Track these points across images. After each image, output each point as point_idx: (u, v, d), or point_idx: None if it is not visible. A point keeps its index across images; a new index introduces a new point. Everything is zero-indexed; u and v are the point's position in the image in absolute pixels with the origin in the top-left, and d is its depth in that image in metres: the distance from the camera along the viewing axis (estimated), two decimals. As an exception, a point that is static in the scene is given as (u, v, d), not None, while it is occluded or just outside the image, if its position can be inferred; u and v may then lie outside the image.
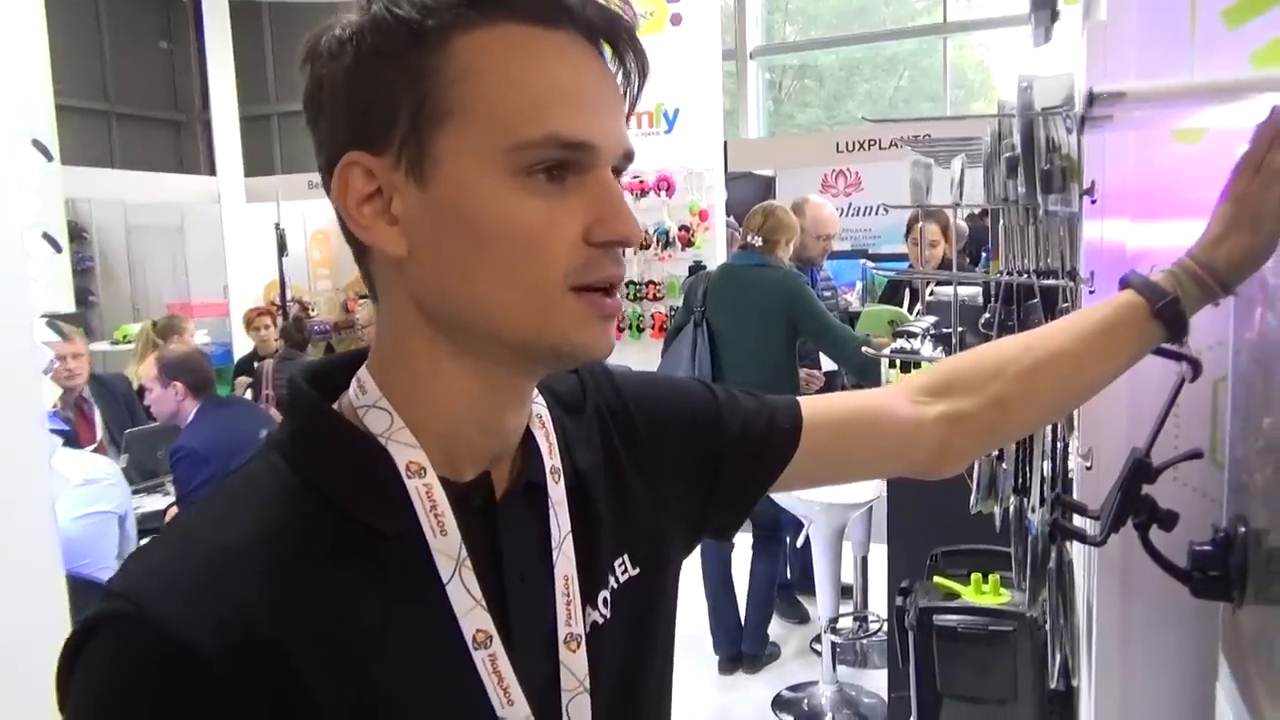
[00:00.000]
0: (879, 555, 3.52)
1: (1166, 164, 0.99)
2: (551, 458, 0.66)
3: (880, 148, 6.33)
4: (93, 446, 3.46)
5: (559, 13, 0.56)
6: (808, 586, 3.67)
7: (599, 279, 0.57)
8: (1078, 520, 1.01)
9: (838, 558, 3.17)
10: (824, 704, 3.17)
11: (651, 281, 5.34)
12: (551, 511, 0.65)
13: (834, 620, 3.15)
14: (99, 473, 2.54)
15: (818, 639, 3.46)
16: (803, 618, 3.83)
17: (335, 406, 0.62)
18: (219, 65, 6.80)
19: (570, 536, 0.65)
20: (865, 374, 3.10)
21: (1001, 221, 1.27)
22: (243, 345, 6.33)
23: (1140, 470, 0.91)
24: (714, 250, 5.23)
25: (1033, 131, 1.10)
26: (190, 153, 11.07)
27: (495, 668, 0.58)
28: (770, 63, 10.42)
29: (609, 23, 0.58)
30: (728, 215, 5.95)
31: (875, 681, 3.33)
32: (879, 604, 3.57)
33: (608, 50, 0.60)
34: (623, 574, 0.69)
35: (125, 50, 10.38)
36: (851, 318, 4.65)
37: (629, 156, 0.59)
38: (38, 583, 1.73)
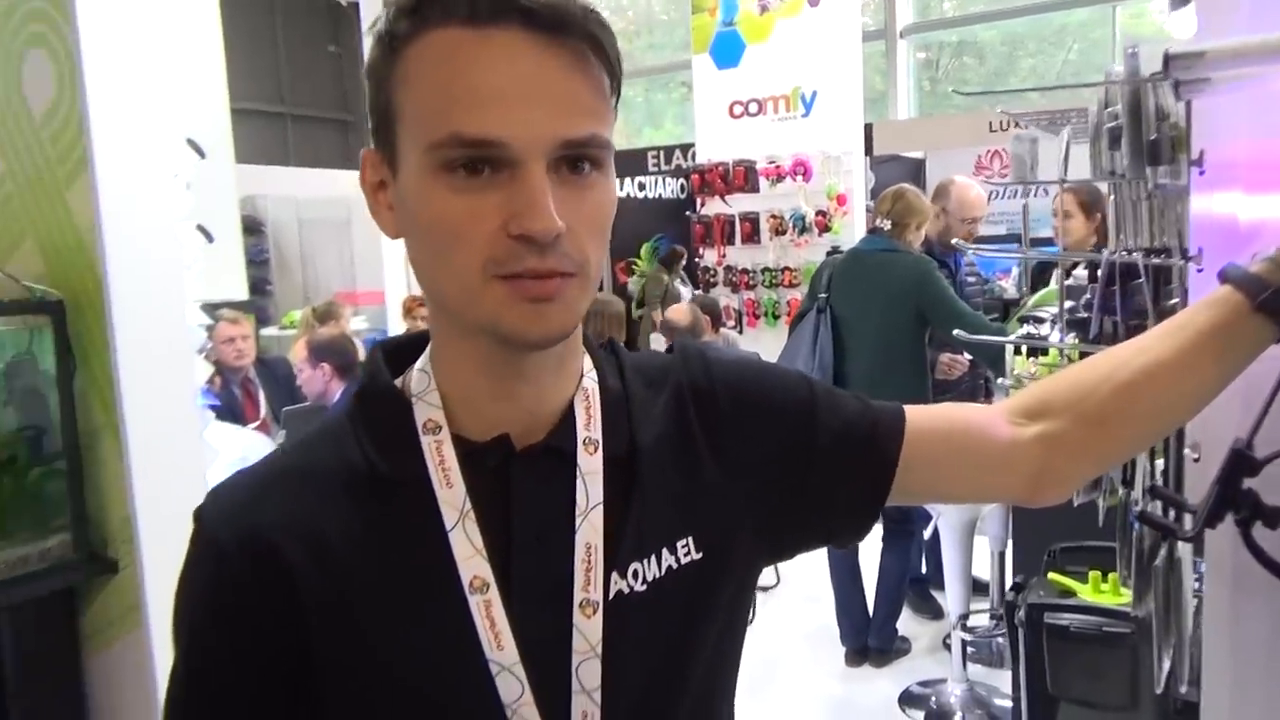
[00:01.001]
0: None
1: (1284, 130, 0.90)
2: (589, 429, 0.68)
3: (1039, 126, 6.00)
4: (256, 424, 3.75)
5: (493, 11, 0.58)
6: (941, 581, 3.55)
7: (518, 270, 0.59)
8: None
9: (968, 552, 3.05)
10: (953, 702, 3.06)
11: (787, 268, 5.28)
12: (580, 480, 0.66)
13: (964, 617, 3.04)
14: (254, 448, 2.76)
15: (950, 635, 3.35)
16: (935, 613, 3.71)
17: (407, 371, 0.70)
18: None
19: (600, 507, 0.66)
20: (999, 365, 2.95)
21: (1113, 197, 1.18)
22: (396, 330, 6.68)
23: (1240, 462, 0.83)
24: (852, 235, 5.11)
25: (1139, 100, 1.02)
26: (356, 150, 11.74)
27: (489, 613, 0.62)
28: (926, 40, 10.02)
29: (554, 10, 0.59)
30: (870, 200, 5.80)
31: (1009, 682, 3.19)
32: (1018, 603, 3.41)
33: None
34: (685, 556, 0.69)
35: (299, 55, 11.13)
36: (1006, 305, 4.41)
37: (581, 143, 0.60)
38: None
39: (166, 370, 1.84)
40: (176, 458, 1.86)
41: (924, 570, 3.80)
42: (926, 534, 3.16)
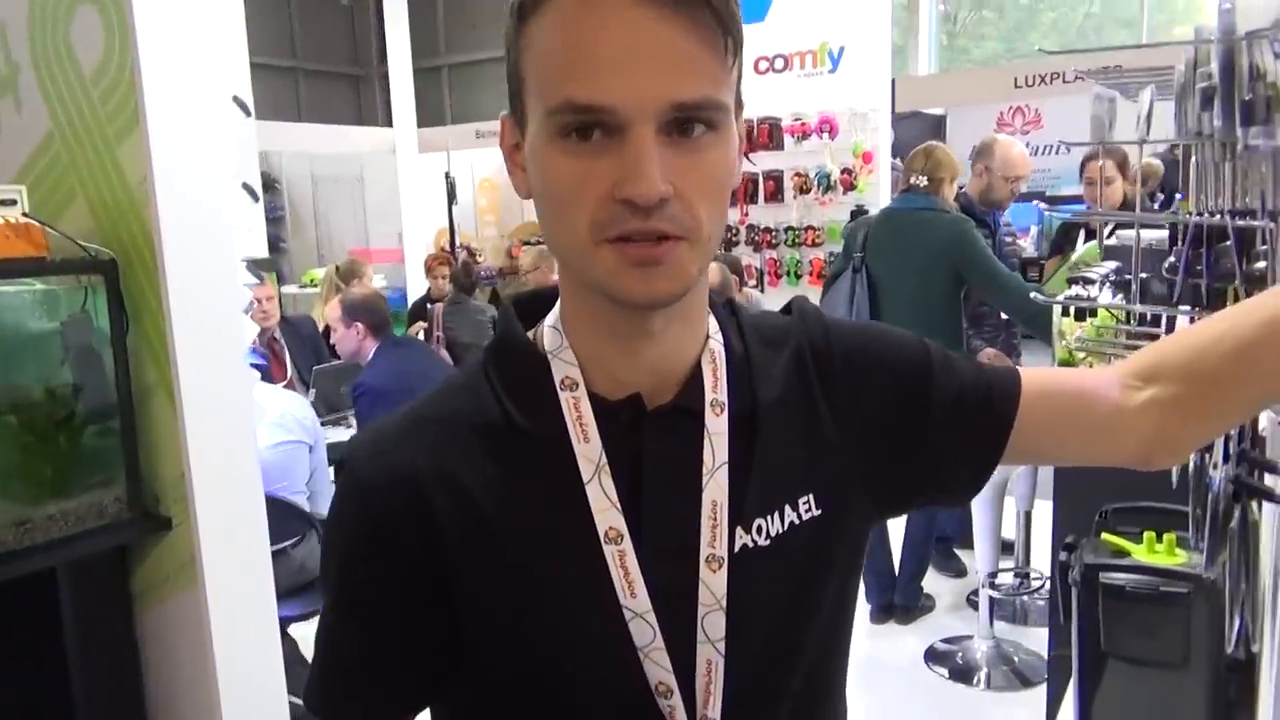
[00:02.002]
0: (1043, 511, 3.39)
1: (1392, 90, 0.89)
2: (715, 391, 0.69)
3: (1064, 81, 5.93)
4: (284, 382, 3.76)
5: None
6: (966, 540, 3.58)
7: (622, 232, 0.60)
8: (1268, 479, 0.94)
9: (998, 512, 3.07)
10: (979, 658, 3.10)
11: (810, 227, 5.25)
12: (707, 440, 0.68)
13: (993, 575, 3.07)
14: (293, 407, 2.78)
15: (974, 593, 3.39)
16: (959, 571, 3.74)
17: (537, 325, 0.73)
18: (395, 20, 7.08)
19: (725, 466, 0.68)
20: (1036, 324, 2.94)
21: (1194, 158, 1.17)
22: (415, 289, 6.69)
23: (1339, 426, 0.84)
24: (877, 194, 5.07)
25: (1233, 58, 1.01)
26: (369, 106, 11.65)
27: (622, 563, 0.65)
28: (945, -6, 9.86)
29: None
30: (893, 157, 5.74)
31: (1033, 639, 3.23)
32: (1041, 561, 3.44)
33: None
34: (806, 512, 0.70)
35: (309, 8, 10.99)
36: (1024, 264, 4.39)
37: (694, 106, 0.60)
38: (241, 501, 1.93)
39: (218, 328, 1.85)
40: (228, 415, 1.87)
41: (948, 529, 3.82)
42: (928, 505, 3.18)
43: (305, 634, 2.96)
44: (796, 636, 0.71)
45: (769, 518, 0.69)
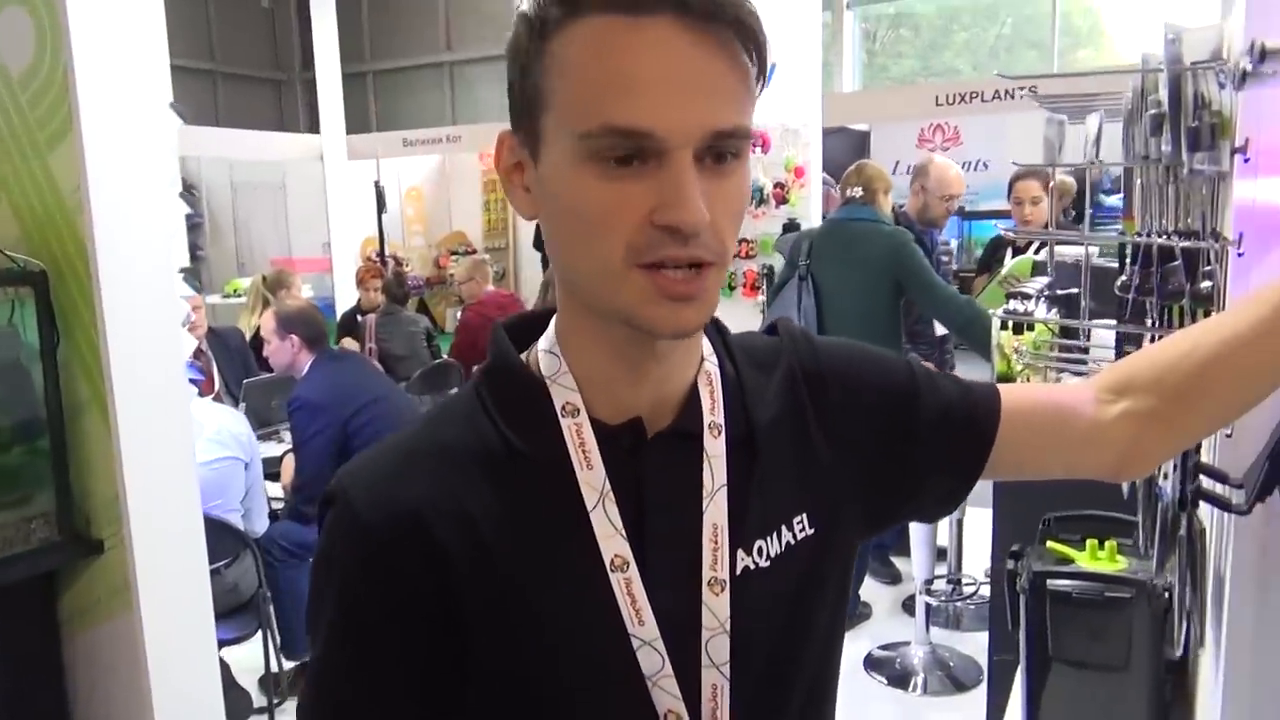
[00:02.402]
0: (974, 519, 3.48)
1: (1330, 120, 0.94)
2: (713, 414, 0.69)
3: (982, 100, 6.11)
4: (211, 396, 3.64)
5: (647, 0, 0.58)
6: (902, 547, 3.66)
7: (657, 258, 0.59)
8: (1222, 489, 0.99)
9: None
10: (916, 664, 3.17)
11: (744, 239, 5.30)
12: (706, 463, 0.68)
13: (929, 582, 3.14)
14: (229, 422, 2.69)
15: (910, 599, 3.46)
16: (895, 578, 3.82)
17: (526, 352, 0.71)
18: (322, 23, 6.94)
19: (725, 489, 0.68)
20: (969, 334, 3.04)
21: (1139, 180, 1.22)
22: (343, 300, 6.54)
23: (1291, 439, 0.88)
24: (808, 208, 5.15)
25: (1180, 87, 1.06)
26: (290, 111, 11.38)
27: (629, 590, 0.64)
28: (865, 13, 10.11)
29: (707, 2, 0.58)
30: (824, 172, 5.84)
31: (967, 644, 3.31)
32: (973, 567, 3.53)
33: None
34: (801, 532, 0.71)
35: (228, 10, 10.68)
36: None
37: (728, 135, 0.60)
38: (180, 522, 1.86)
39: (155, 341, 1.78)
40: (167, 432, 1.81)
41: (884, 537, 3.90)
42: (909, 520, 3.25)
43: (238, 657, 2.87)
44: (796, 654, 0.71)
45: (768, 539, 0.69)
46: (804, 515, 0.71)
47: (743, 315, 5.13)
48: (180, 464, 1.84)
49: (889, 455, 0.76)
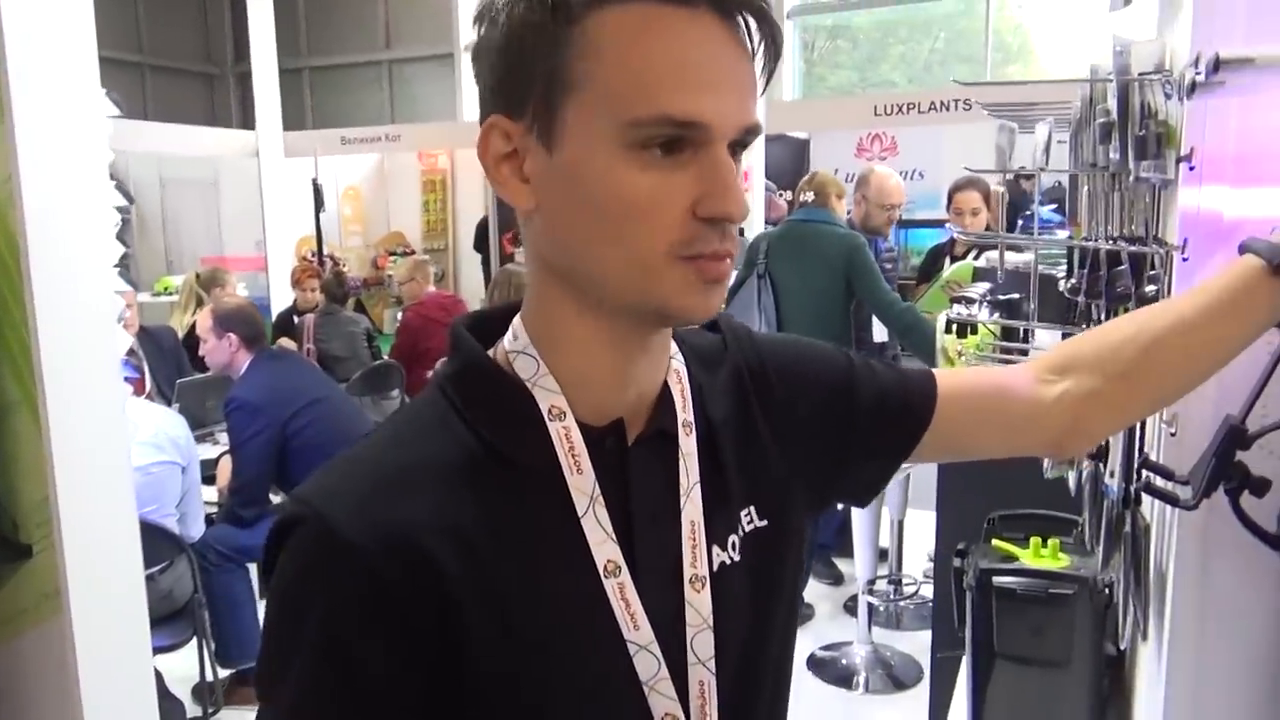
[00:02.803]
0: (913, 520, 3.55)
1: (1272, 130, 0.98)
2: (684, 411, 0.70)
3: (919, 111, 6.25)
4: (143, 396, 3.53)
5: None
6: (844, 549, 3.71)
7: (704, 251, 0.60)
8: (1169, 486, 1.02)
9: (877, 521, 3.20)
10: (858, 663, 3.22)
11: (688, 243, 5.33)
12: (681, 461, 0.68)
13: (871, 582, 3.19)
14: (168, 425, 2.61)
15: (852, 600, 3.51)
16: (837, 579, 3.87)
17: (491, 352, 0.68)
18: (259, 17, 6.77)
19: (699, 485, 0.69)
20: (910, 336, 3.12)
21: (1085, 188, 1.26)
22: (279, 300, 6.40)
23: (1235, 437, 0.91)
24: (752, 212, 5.21)
25: (1128, 97, 1.09)
26: (222, 106, 11.09)
27: (623, 595, 0.63)
28: (804, 23, 10.26)
29: None
30: (765, 178, 5.90)
31: (908, 643, 3.37)
32: (913, 568, 3.60)
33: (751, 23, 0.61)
34: (749, 524, 0.72)
35: (158, 1, 10.37)
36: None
37: (753, 130, 0.61)
38: (114, 526, 1.79)
39: (89, 339, 1.71)
40: (101, 433, 1.74)
41: (826, 538, 3.95)
42: (838, 504, 3.31)
43: (172, 665, 2.77)
44: (764, 643, 0.73)
45: (736, 533, 0.71)
46: (751, 508, 0.73)
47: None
48: (114, 465, 1.77)
49: (829, 443, 0.78)
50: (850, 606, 3.55)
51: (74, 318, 1.68)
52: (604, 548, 0.63)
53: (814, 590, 3.76)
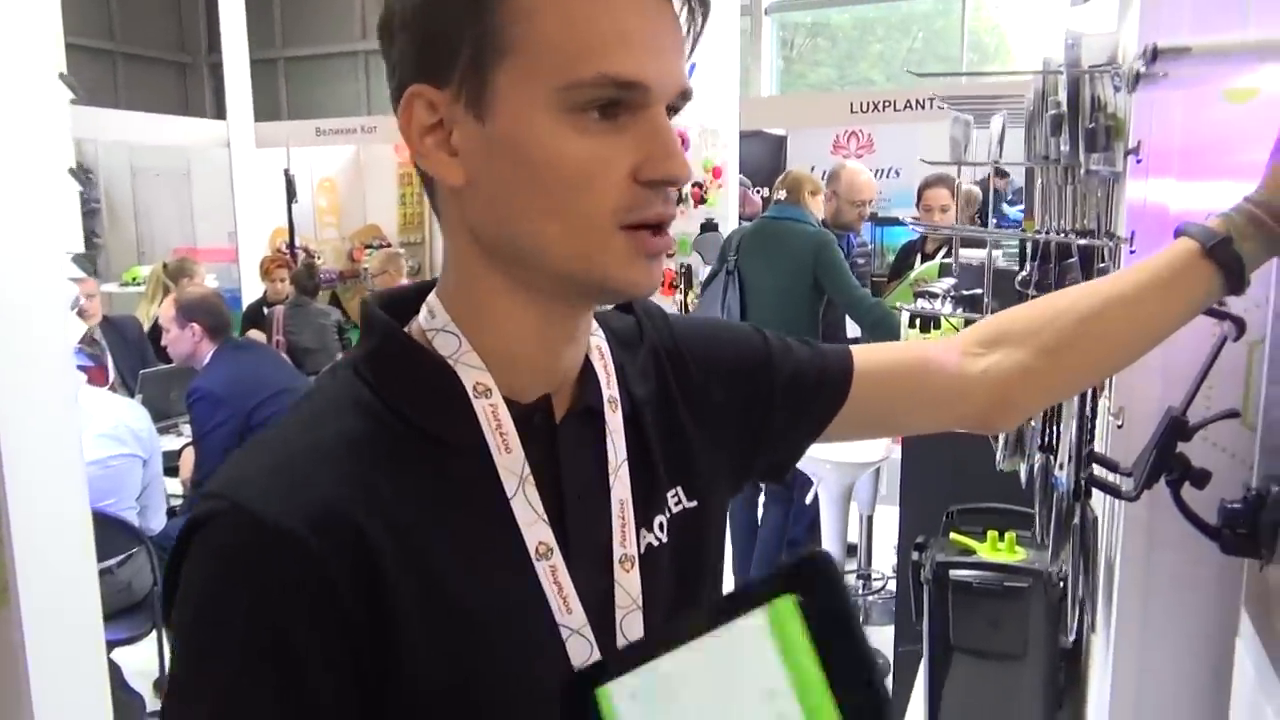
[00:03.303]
0: (882, 516, 3.56)
1: (1215, 124, 0.99)
2: (609, 388, 0.69)
3: (895, 109, 6.27)
4: (105, 387, 3.48)
5: None
6: (813, 543, 3.72)
7: (648, 217, 0.58)
8: (1113, 478, 1.02)
9: (845, 515, 3.21)
10: (825, 658, 3.23)
11: (662, 238, 5.32)
12: (609, 438, 0.67)
13: (839, 577, 3.21)
14: (128, 417, 2.57)
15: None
16: (806, 574, 3.89)
17: (407, 328, 0.66)
18: (230, 6, 6.69)
19: (626, 463, 0.68)
20: (878, 332, 3.13)
21: (1039, 181, 1.26)
22: (250, 292, 6.33)
23: (1176, 428, 0.92)
24: (726, 208, 5.21)
25: (1079, 89, 1.09)
26: (195, 95, 10.97)
27: (556, 578, 0.61)
28: (783, 20, 10.27)
29: None
30: (741, 174, 5.90)
31: (875, 637, 3.38)
32: (881, 563, 3.61)
33: None
34: (676, 505, 0.71)
35: (130, -12, 10.25)
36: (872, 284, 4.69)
37: (686, 95, 0.60)
38: (64, 516, 1.76)
39: (38, 326, 1.68)
40: (50, 421, 1.71)
41: (797, 533, 3.96)
42: (808, 499, 3.31)
43: (130, 659, 2.74)
44: None
45: (663, 513, 0.70)
46: (678, 489, 0.72)
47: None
48: (64, 455, 1.74)
49: (748, 422, 0.78)
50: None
51: (23, 305, 1.65)
52: (535, 529, 0.61)
53: (783, 585, 3.78)
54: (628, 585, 0.65)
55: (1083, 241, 1.14)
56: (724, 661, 0.49)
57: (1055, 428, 1.25)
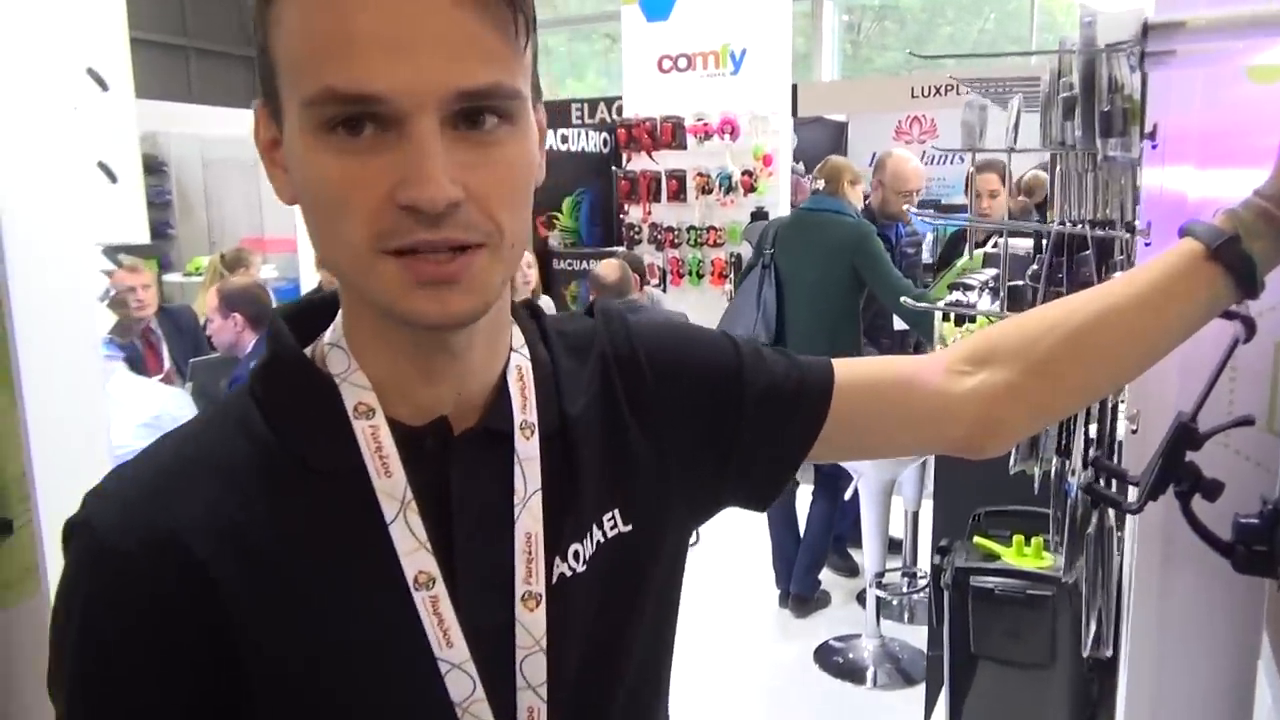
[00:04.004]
0: (929, 511, 3.47)
1: (1238, 105, 0.91)
2: (524, 412, 0.63)
3: (959, 93, 6.08)
4: (160, 375, 3.58)
5: None
6: (858, 539, 3.64)
7: (406, 244, 0.52)
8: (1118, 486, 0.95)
9: (886, 512, 3.13)
10: (866, 657, 3.15)
11: (712, 227, 5.27)
12: (518, 467, 0.62)
13: (880, 574, 3.13)
14: (172, 406, 2.63)
15: (864, 592, 3.44)
16: (853, 570, 3.81)
17: (311, 346, 0.63)
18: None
19: (539, 493, 0.62)
20: (919, 327, 3.05)
21: (1059, 168, 1.19)
22: (309, 281, 6.45)
23: (1184, 435, 0.85)
24: (777, 196, 5.13)
25: (1094, 70, 1.02)
26: (265, 89, 11.23)
27: (436, 609, 0.58)
28: (850, 3, 10.07)
29: None
30: (796, 161, 5.81)
31: (919, 637, 3.29)
32: (927, 561, 3.52)
33: None
34: (611, 529, 0.66)
35: (203, -15, 10.53)
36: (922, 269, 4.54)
37: (473, 95, 0.52)
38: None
39: (67, 317, 1.72)
40: (78, 409, 1.75)
41: (842, 529, 3.89)
42: (847, 495, 3.24)
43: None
44: (615, 660, 0.67)
45: (584, 541, 0.65)
46: (615, 511, 0.66)
47: (711, 303, 5.10)
48: (92, 442, 1.78)
49: (713, 436, 0.71)
50: (863, 598, 3.49)
51: (52, 295, 1.69)
52: (415, 557, 0.58)
53: (830, 580, 3.71)
54: (530, 625, 0.61)
55: (1098, 233, 1.06)
56: None
57: (1073, 430, 1.18)
